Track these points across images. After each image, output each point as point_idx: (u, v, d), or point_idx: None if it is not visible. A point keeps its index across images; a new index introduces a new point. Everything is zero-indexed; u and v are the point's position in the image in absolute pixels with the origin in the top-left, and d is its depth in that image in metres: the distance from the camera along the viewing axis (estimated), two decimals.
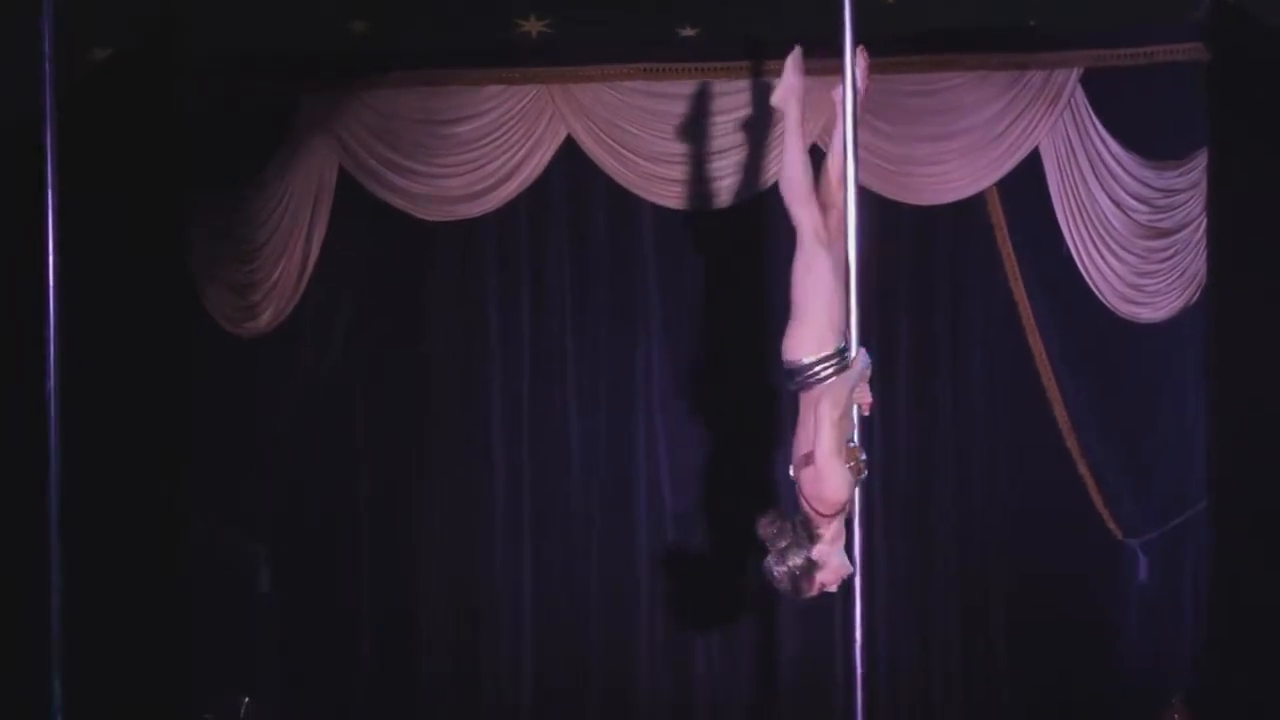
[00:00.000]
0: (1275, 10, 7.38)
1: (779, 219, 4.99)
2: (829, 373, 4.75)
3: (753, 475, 7.80)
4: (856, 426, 4.82)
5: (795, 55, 5.07)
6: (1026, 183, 7.96)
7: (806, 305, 4.82)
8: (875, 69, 5.10)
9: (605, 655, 8.25)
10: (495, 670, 8.28)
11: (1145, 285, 7.88)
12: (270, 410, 8.23)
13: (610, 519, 8.27)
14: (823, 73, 5.11)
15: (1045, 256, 7.95)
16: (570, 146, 8.12)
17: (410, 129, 8.10)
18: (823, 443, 4.66)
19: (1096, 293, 7.89)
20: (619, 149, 8.07)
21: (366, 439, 8.35)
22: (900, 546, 8.13)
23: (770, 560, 4.73)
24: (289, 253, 8.12)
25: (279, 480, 8.27)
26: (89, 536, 6.36)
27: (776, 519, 4.75)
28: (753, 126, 7.91)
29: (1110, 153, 7.84)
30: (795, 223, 4.91)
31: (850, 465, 4.70)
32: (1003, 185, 7.99)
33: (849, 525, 4.79)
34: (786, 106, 5.06)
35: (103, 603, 6.94)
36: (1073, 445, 7.98)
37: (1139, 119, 7.84)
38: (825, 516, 4.69)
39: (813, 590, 4.76)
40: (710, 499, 8.07)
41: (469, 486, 8.32)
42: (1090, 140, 7.86)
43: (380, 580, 8.33)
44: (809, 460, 4.71)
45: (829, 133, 6.29)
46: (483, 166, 8.10)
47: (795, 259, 4.89)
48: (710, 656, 8.22)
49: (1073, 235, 7.90)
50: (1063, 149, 7.88)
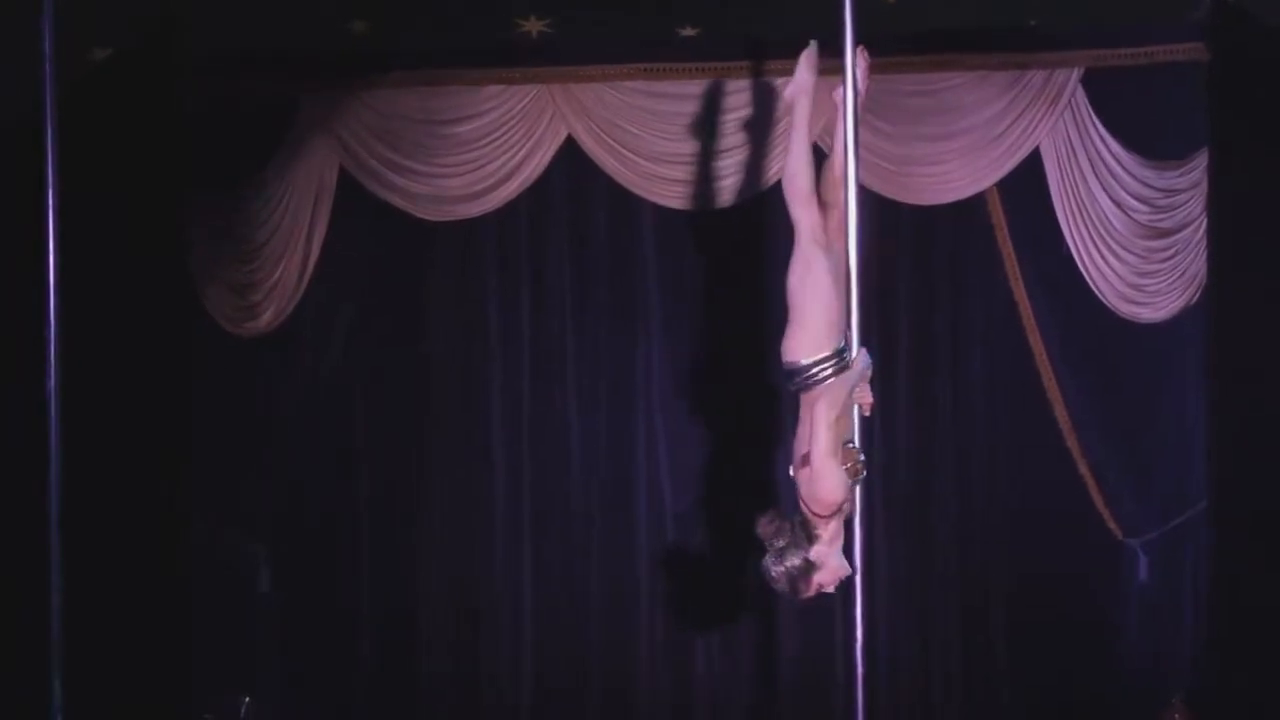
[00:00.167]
0: (1275, 10, 7.37)
1: (779, 219, 4.97)
2: (828, 373, 4.73)
3: (753, 475, 7.80)
4: (857, 427, 4.81)
5: (810, 51, 5.01)
6: (1027, 182, 7.95)
7: (805, 307, 4.79)
8: (876, 69, 5.09)
9: (605, 655, 8.24)
10: (495, 670, 8.27)
11: (1146, 285, 7.88)
12: (270, 410, 8.22)
13: (610, 519, 8.27)
14: (823, 73, 5.08)
15: (1045, 256, 7.95)
16: (571, 146, 8.12)
17: (411, 129, 8.10)
18: (819, 443, 4.64)
19: (1097, 293, 7.89)
20: (619, 149, 8.06)
21: (366, 439, 8.34)
22: (900, 546, 8.12)
23: (768, 560, 4.71)
24: (289, 253, 8.11)
25: (279, 480, 8.26)
26: (89, 536, 6.35)
27: (776, 519, 4.74)
28: (753, 126, 7.91)
29: (1111, 152, 7.84)
30: (794, 222, 4.88)
31: (848, 466, 4.68)
32: (1003, 185, 7.98)
33: (849, 526, 4.78)
34: (796, 103, 4.99)
35: (103, 603, 6.93)
36: (1073, 445, 7.97)
37: (1139, 119, 7.84)
38: (822, 517, 4.67)
39: (810, 591, 4.74)
40: (710, 499, 8.07)
41: (469, 486, 8.31)
42: (1091, 140, 7.85)
43: (380, 580, 8.32)
44: (806, 461, 4.69)
45: (830, 133, 6.29)
46: (483, 166, 8.10)
47: (793, 260, 4.86)
48: (710, 656, 8.21)
49: (1073, 235, 7.90)
50: (1063, 149, 7.88)
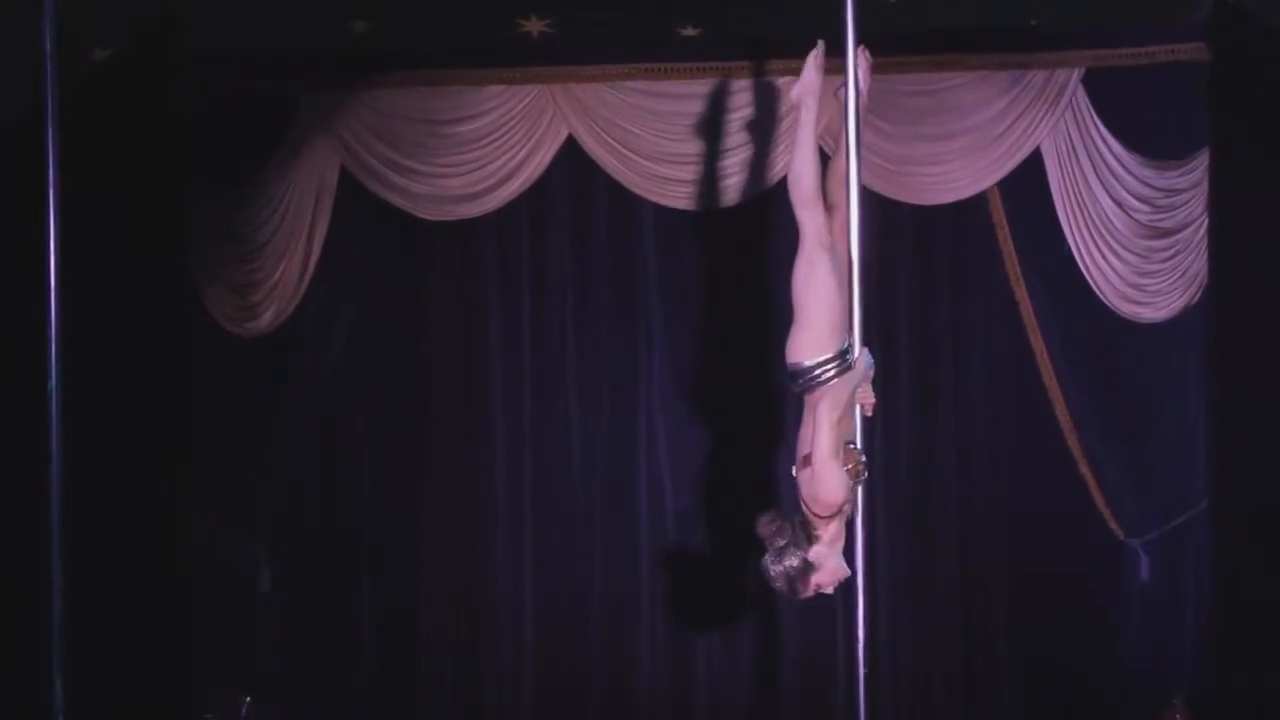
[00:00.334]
0: (1275, 10, 7.37)
1: (780, 219, 4.98)
2: (831, 375, 4.73)
3: (753, 475, 7.80)
4: (858, 428, 4.81)
5: (817, 52, 4.97)
6: (1028, 182, 7.95)
7: (808, 308, 4.78)
8: (876, 69, 5.08)
9: (605, 655, 8.24)
10: (495, 670, 8.27)
11: (1146, 285, 7.88)
12: (270, 410, 8.22)
13: (611, 519, 8.26)
14: (826, 72, 5.06)
15: (1046, 256, 7.95)
16: (571, 146, 8.12)
17: (411, 129, 8.10)
18: (821, 444, 4.64)
19: (1098, 292, 7.89)
20: (620, 149, 8.06)
21: (366, 439, 8.34)
22: (901, 546, 8.12)
23: (767, 560, 4.72)
24: (290, 252, 8.11)
25: (279, 480, 8.26)
26: (89, 536, 6.35)
27: (776, 519, 4.74)
28: (754, 126, 7.90)
29: (1111, 152, 7.84)
30: (799, 223, 4.86)
31: (849, 467, 4.68)
32: (1004, 185, 7.98)
33: (850, 526, 4.78)
34: (802, 104, 4.95)
35: (103, 603, 6.93)
36: (1074, 445, 7.97)
37: (1140, 119, 7.84)
38: (823, 518, 4.67)
39: (808, 591, 4.74)
40: (711, 499, 8.06)
41: (469, 486, 8.31)
42: (1091, 140, 7.85)
43: (380, 580, 8.31)
44: (808, 461, 4.69)
45: (831, 133, 6.29)
46: (484, 166, 8.09)
47: (797, 261, 4.85)
48: (711, 656, 8.21)
49: (1074, 235, 7.90)
50: (1064, 149, 7.87)
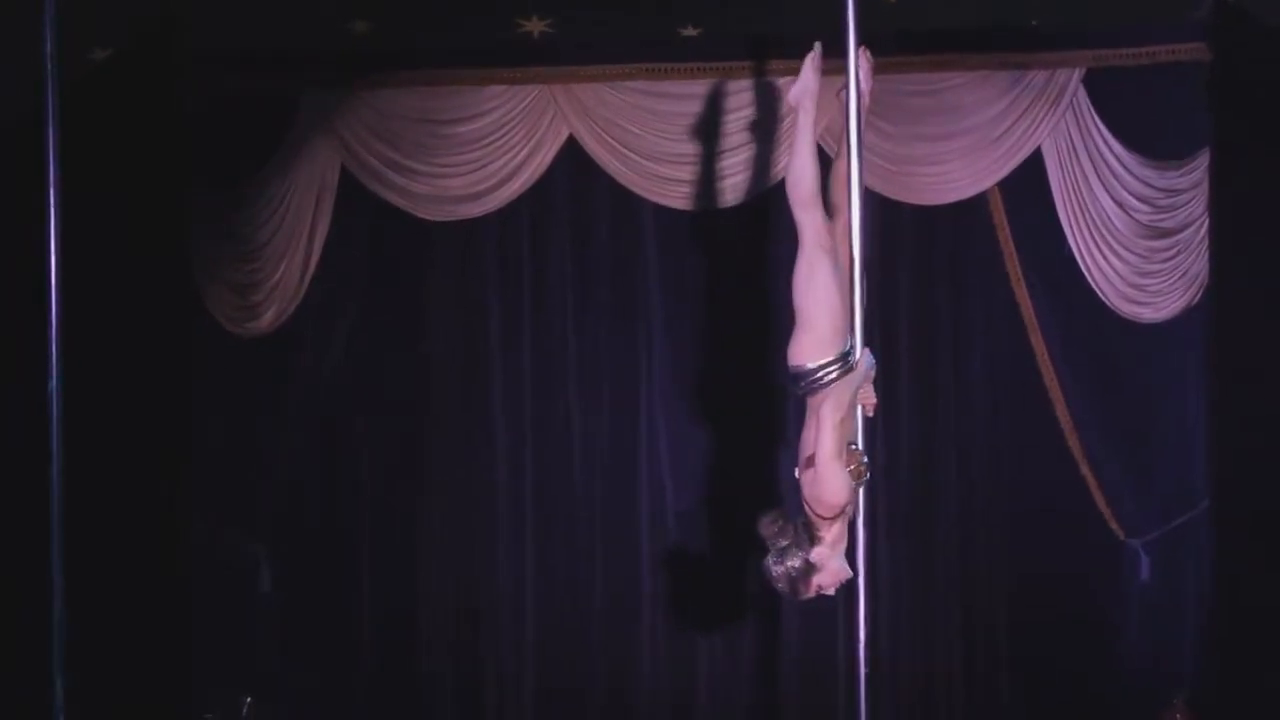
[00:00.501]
0: (1275, 10, 7.37)
1: (781, 219, 4.97)
2: (833, 377, 4.71)
3: (755, 475, 7.80)
4: (860, 428, 4.81)
5: (814, 54, 4.95)
6: (1028, 183, 7.95)
7: (809, 311, 4.76)
8: (877, 69, 5.06)
9: (606, 655, 8.23)
10: (496, 670, 8.26)
11: (1147, 285, 7.88)
12: (270, 410, 8.21)
13: (611, 519, 8.25)
14: (826, 73, 5.05)
15: (1047, 256, 7.94)
16: (572, 146, 8.11)
17: (412, 129, 8.09)
18: (824, 445, 4.64)
19: (1098, 293, 7.89)
20: (621, 149, 8.06)
21: (366, 439, 8.33)
22: (902, 546, 8.11)
23: (769, 560, 4.71)
24: (291, 252, 8.10)
25: (279, 480, 8.26)
26: (90, 536, 6.35)
27: (778, 519, 4.73)
28: (755, 126, 7.90)
29: (1112, 152, 7.84)
30: (798, 226, 4.84)
31: (852, 469, 4.68)
32: (1004, 185, 7.98)
33: (851, 527, 4.78)
34: (800, 106, 4.94)
35: (103, 603, 6.92)
36: (1074, 445, 7.97)
37: (1141, 119, 7.84)
38: (825, 519, 4.67)
39: (810, 592, 4.74)
40: (712, 499, 8.06)
41: (469, 486, 8.31)
42: (1092, 140, 7.85)
43: (380, 580, 8.31)
44: (811, 463, 4.68)
45: (831, 133, 6.29)
46: (484, 166, 8.09)
47: (797, 264, 4.83)
48: (712, 656, 8.20)
49: (1075, 235, 7.89)
50: (1064, 149, 7.87)
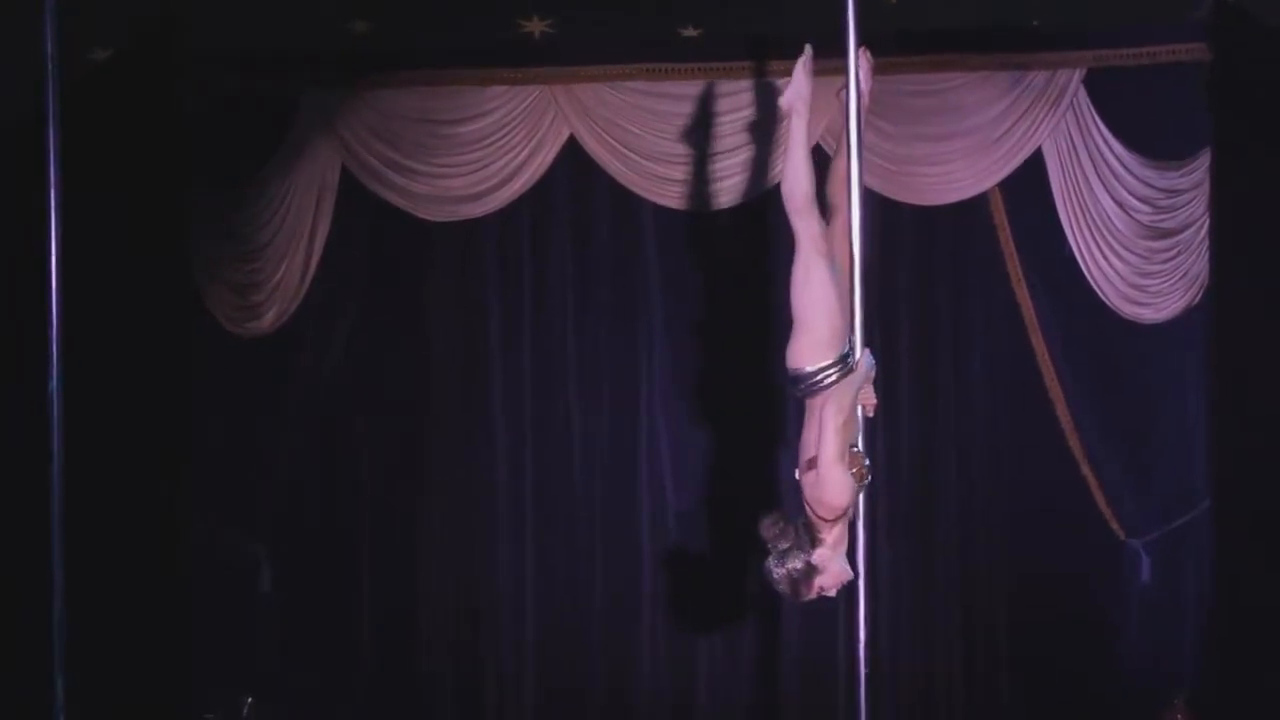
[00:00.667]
0: (1275, 10, 7.37)
1: (781, 219, 4.94)
2: (833, 379, 4.71)
3: (755, 475, 7.80)
4: (861, 429, 4.81)
5: (805, 58, 4.93)
6: (1029, 183, 7.95)
7: (807, 315, 4.76)
8: (877, 69, 5.06)
9: (606, 655, 8.23)
10: (496, 670, 8.26)
11: (1148, 286, 7.88)
12: (270, 410, 8.21)
13: (612, 519, 8.26)
14: (826, 73, 5.06)
15: (1047, 257, 7.94)
16: (572, 147, 8.11)
17: (412, 129, 8.09)
18: (826, 448, 4.63)
19: (1099, 293, 7.89)
20: (621, 149, 8.06)
21: (366, 439, 8.33)
22: (902, 546, 8.12)
23: (770, 562, 4.71)
24: (292, 252, 8.10)
25: (279, 480, 8.26)
26: (90, 536, 6.35)
27: (779, 520, 4.73)
28: (755, 126, 7.90)
29: (1113, 153, 7.84)
30: (794, 231, 4.82)
31: (853, 471, 4.68)
32: (1005, 185, 7.98)
33: (851, 527, 4.78)
34: (794, 110, 4.90)
35: (103, 603, 6.92)
36: (1074, 445, 7.97)
37: (1141, 119, 7.84)
38: (827, 521, 4.67)
39: (811, 594, 4.73)
40: (712, 499, 8.06)
41: (469, 486, 8.31)
42: (1093, 140, 7.85)
43: (380, 580, 8.31)
44: (812, 464, 4.68)
45: (831, 133, 6.29)
46: (485, 167, 8.09)
47: (794, 268, 4.81)
48: (712, 657, 8.20)
49: (1075, 235, 7.89)
50: (1065, 149, 7.87)
